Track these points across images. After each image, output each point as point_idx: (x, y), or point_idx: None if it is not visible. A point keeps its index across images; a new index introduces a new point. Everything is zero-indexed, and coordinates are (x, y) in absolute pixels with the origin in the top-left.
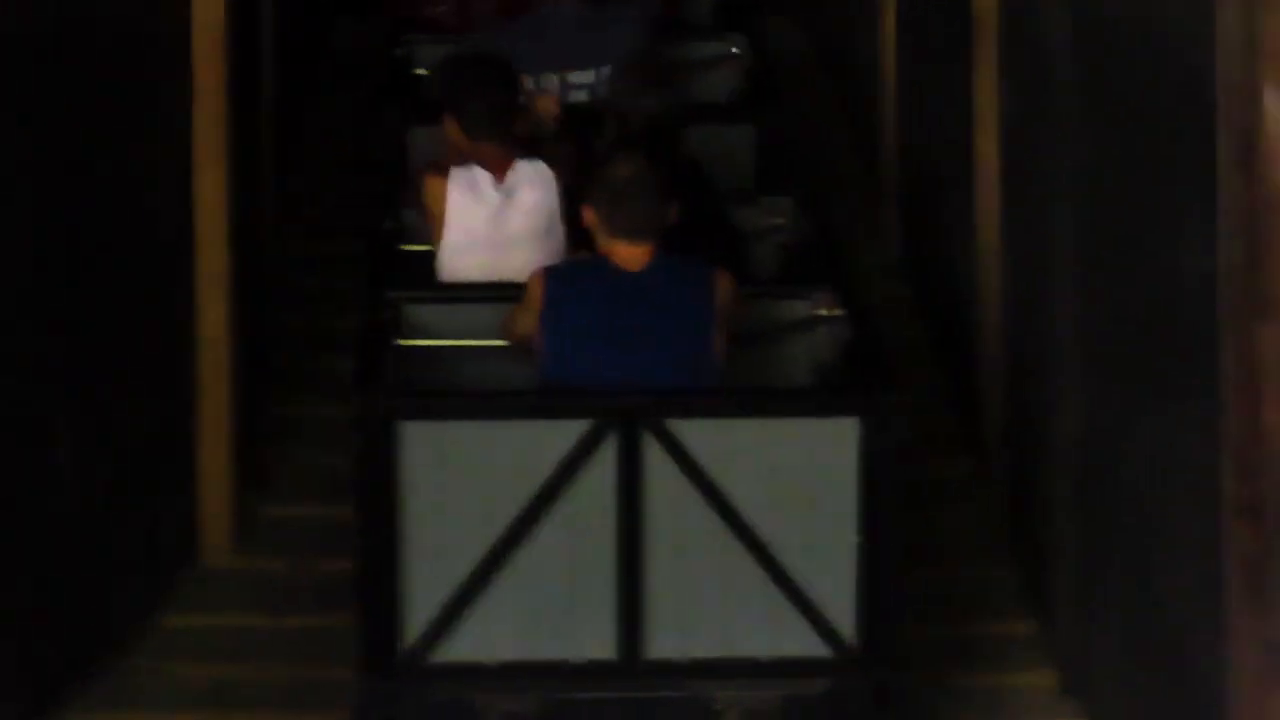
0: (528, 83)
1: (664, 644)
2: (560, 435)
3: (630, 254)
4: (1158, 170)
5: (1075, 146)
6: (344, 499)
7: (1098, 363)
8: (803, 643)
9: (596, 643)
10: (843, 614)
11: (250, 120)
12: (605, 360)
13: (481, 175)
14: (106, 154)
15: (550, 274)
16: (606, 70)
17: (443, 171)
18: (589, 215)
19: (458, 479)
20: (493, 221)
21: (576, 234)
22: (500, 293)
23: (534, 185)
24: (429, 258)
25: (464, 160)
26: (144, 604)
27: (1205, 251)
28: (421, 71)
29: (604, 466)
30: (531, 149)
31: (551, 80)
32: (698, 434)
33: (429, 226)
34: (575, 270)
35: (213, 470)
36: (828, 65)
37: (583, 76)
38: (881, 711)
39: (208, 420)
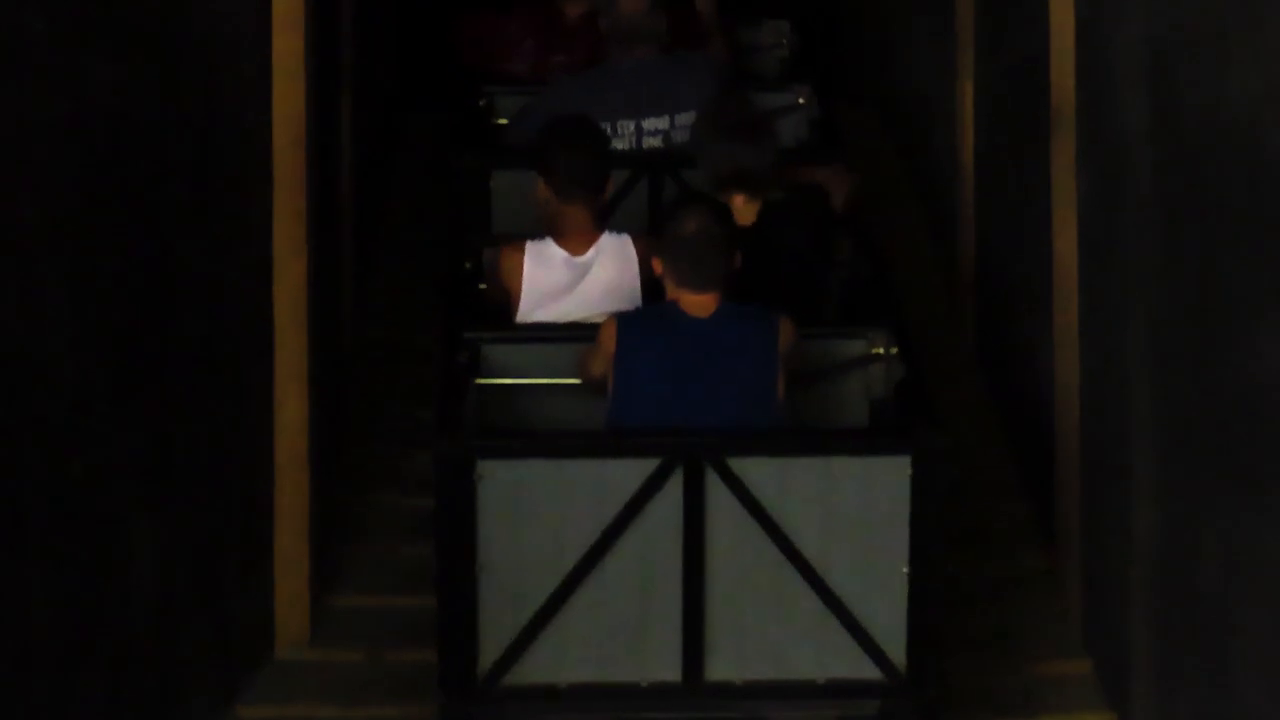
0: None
1: (724, 667)
2: (629, 472)
3: (697, 302)
4: (1236, 261)
5: (1153, 237)
6: (420, 589)
7: (1175, 457)
8: (854, 666)
9: (661, 665)
10: (892, 640)
11: (330, 213)
12: (672, 401)
13: (556, 252)
14: (187, 247)
15: (622, 320)
16: (680, 116)
17: (519, 247)
18: (657, 266)
19: (532, 513)
20: (566, 298)
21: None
22: (575, 333)
23: (613, 260)
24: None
25: (552, 221)
26: (219, 697)
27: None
28: (502, 121)
29: (670, 502)
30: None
31: (627, 126)
32: (758, 471)
33: (506, 299)
34: (646, 317)
35: (289, 562)
36: (903, 150)
37: (657, 123)
38: None
39: (284, 512)
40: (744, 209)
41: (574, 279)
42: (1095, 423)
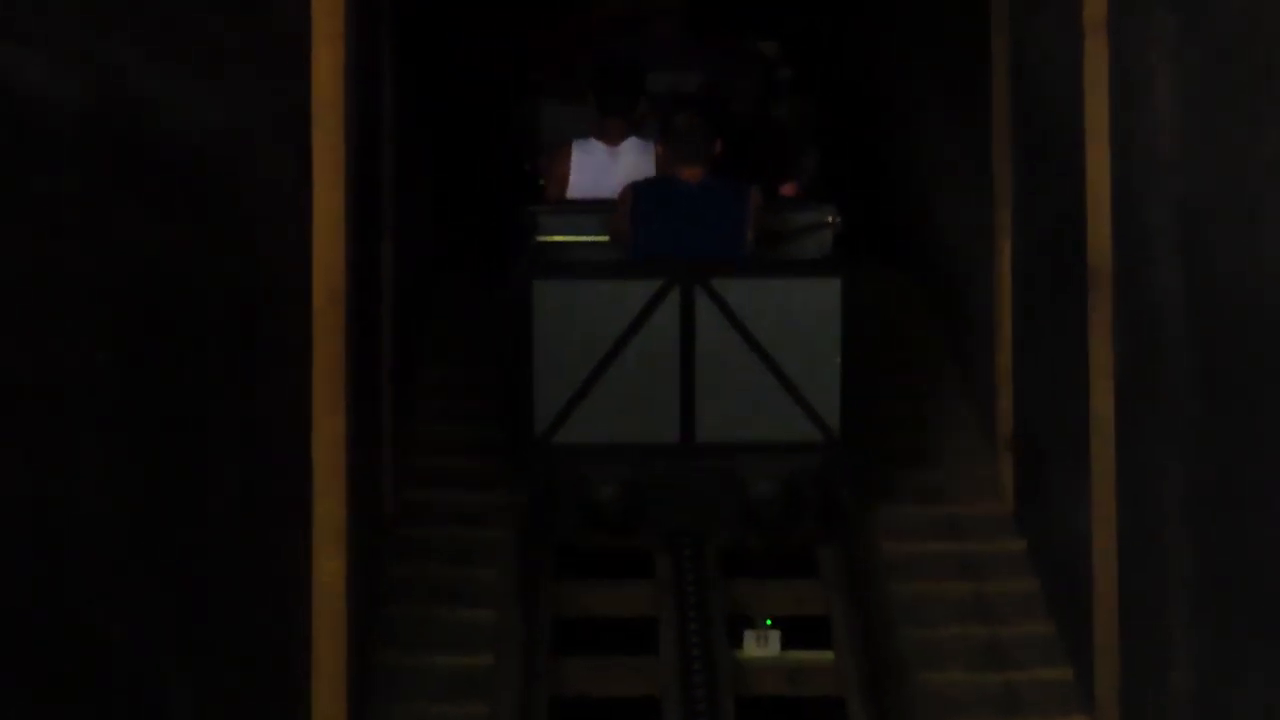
0: None
1: (709, 431)
2: (642, 290)
3: (689, 173)
4: (1273, 424)
5: (1189, 400)
6: None
7: (1211, 619)
8: (803, 432)
9: (664, 430)
10: (829, 411)
11: (369, 371)
12: (672, 241)
13: (597, 145)
14: (224, 403)
15: (636, 186)
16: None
17: (569, 146)
18: (659, 149)
19: (572, 320)
20: (603, 175)
21: None
22: (601, 207)
23: (636, 153)
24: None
25: (597, 126)
26: None
27: None
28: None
29: (670, 310)
30: None
31: None
32: (733, 290)
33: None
34: (652, 184)
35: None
36: (939, 310)
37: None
38: (855, 481)
39: (322, 672)
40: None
41: (609, 162)
42: (1133, 585)
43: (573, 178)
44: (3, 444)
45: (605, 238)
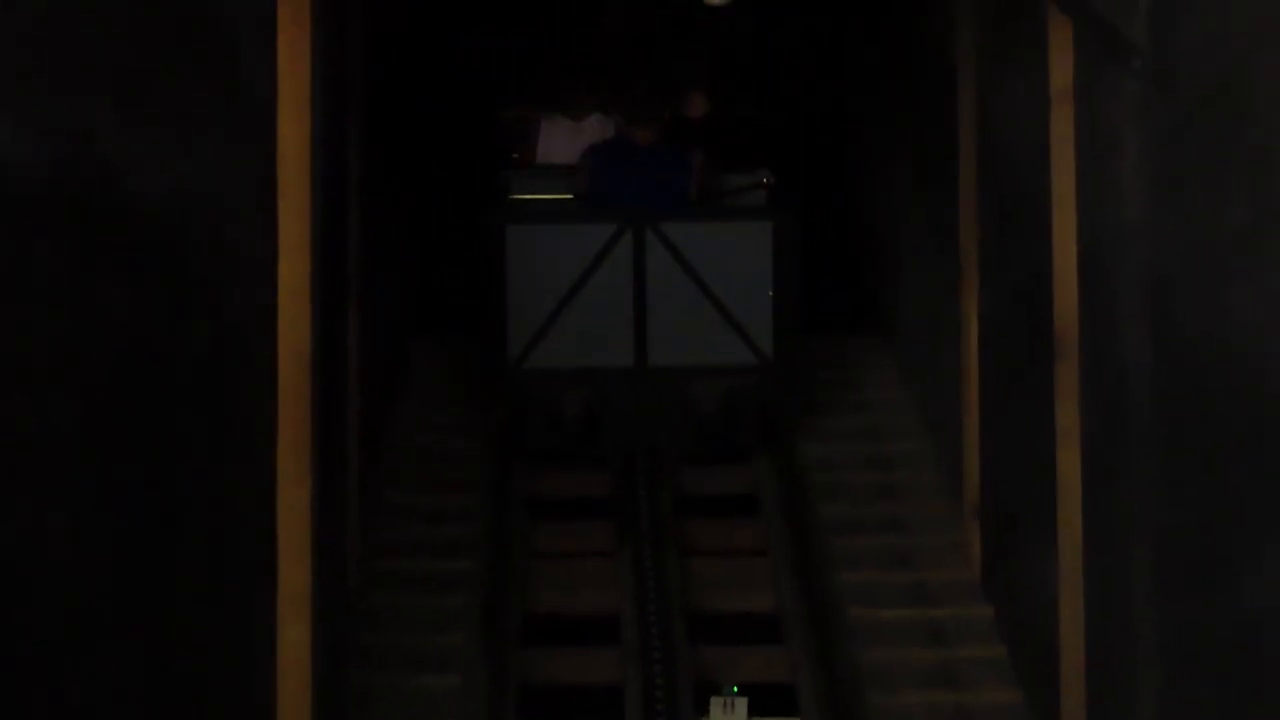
0: None
1: (659, 357)
2: (599, 232)
3: (641, 134)
4: (1239, 489)
5: (1155, 465)
6: None
7: (1179, 682)
8: (740, 355)
9: (620, 356)
10: (763, 337)
11: (336, 441)
12: (625, 194)
13: (563, 121)
14: (190, 471)
15: (595, 147)
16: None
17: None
18: (616, 114)
19: (540, 258)
20: (569, 146)
21: None
22: (566, 171)
23: (599, 125)
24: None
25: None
26: None
27: None
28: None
29: (624, 251)
30: None
31: None
32: (679, 232)
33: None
34: (609, 144)
35: None
36: (907, 376)
37: None
38: (787, 398)
39: None
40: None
41: (574, 132)
42: (1101, 653)
43: (541, 148)
44: None
45: (569, 195)
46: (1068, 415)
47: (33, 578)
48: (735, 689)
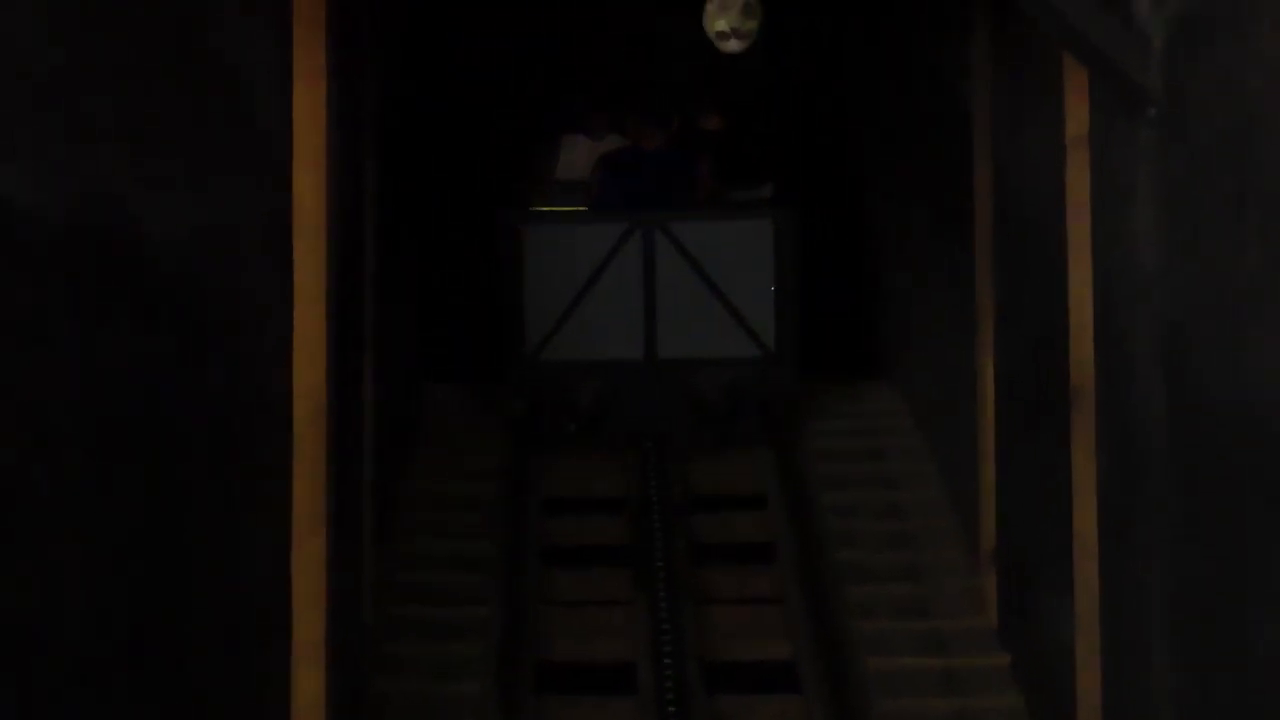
0: None
1: (668, 350)
2: (610, 231)
3: (648, 139)
4: (1254, 541)
5: (1171, 517)
6: None
7: None
8: (744, 348)
9: (631, 349)
10: (766, 331)
11: (351, 486)
12: (632, 197)
13: (582, 139)
14: (204, 521)
15: (605, 157)
16: None
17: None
18: (630, 124)
19: (556, 256)
20: (587, 159)
21: None
22: (578, 186)
23: (614, 140)
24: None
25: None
26: None
27: None
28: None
29: (635, 248)
30: None
31: None
32: (686, 230)
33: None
34: (619, 151)
35: None
36: (923, 425)
37: None
38: (787, 389)
39: None
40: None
41: (593, 151)
42: (1117, 701)
43: (561, 165)
44: None
45: (584, 209)
46: (1083, 464)
47: (47, 631)
48: None
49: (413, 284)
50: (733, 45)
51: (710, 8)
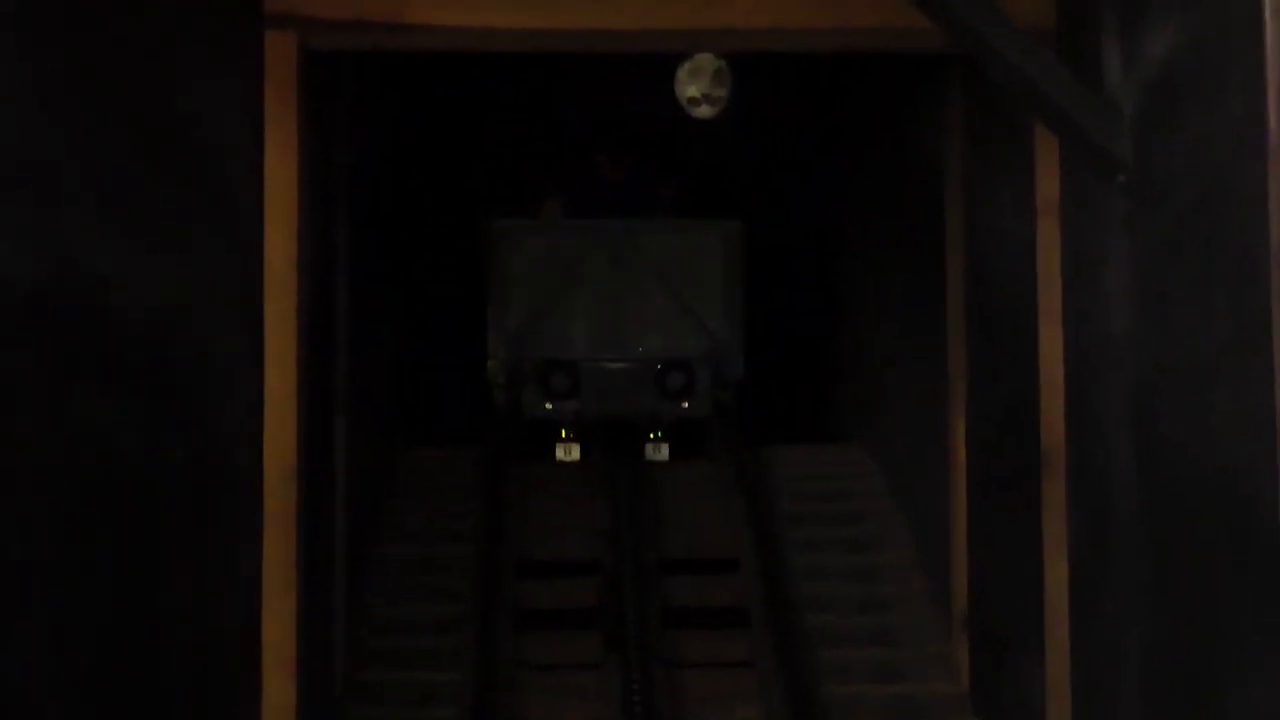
0: None
1: (634, 345)
2: (582, 241)
3: (611, 172)
4: (1225, 604)
5: (1141, 581)
6: None
7: None
8: (699, 340)
9: (600, 344)
10: (719, 326)
11: (322, 550)
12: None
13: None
14: (174, 585)
15: (570, 195)
16: None
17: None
18: (595, 157)
19: (538, 261)
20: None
21: None
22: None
23: None
24: None
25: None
26: None
27: (1273, 688)
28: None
29: (602, 255)
30: None
31: None
32: (651, 237)
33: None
34: (584, 186)
35: None
36: (895, 490)
37: None
38: (735, 380)
39: None
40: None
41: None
42: None
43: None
44: None
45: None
46: (1054, 529)
47: (14, 692)
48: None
49: (390, 346)
50: (704, 111)
51: (681, 74)
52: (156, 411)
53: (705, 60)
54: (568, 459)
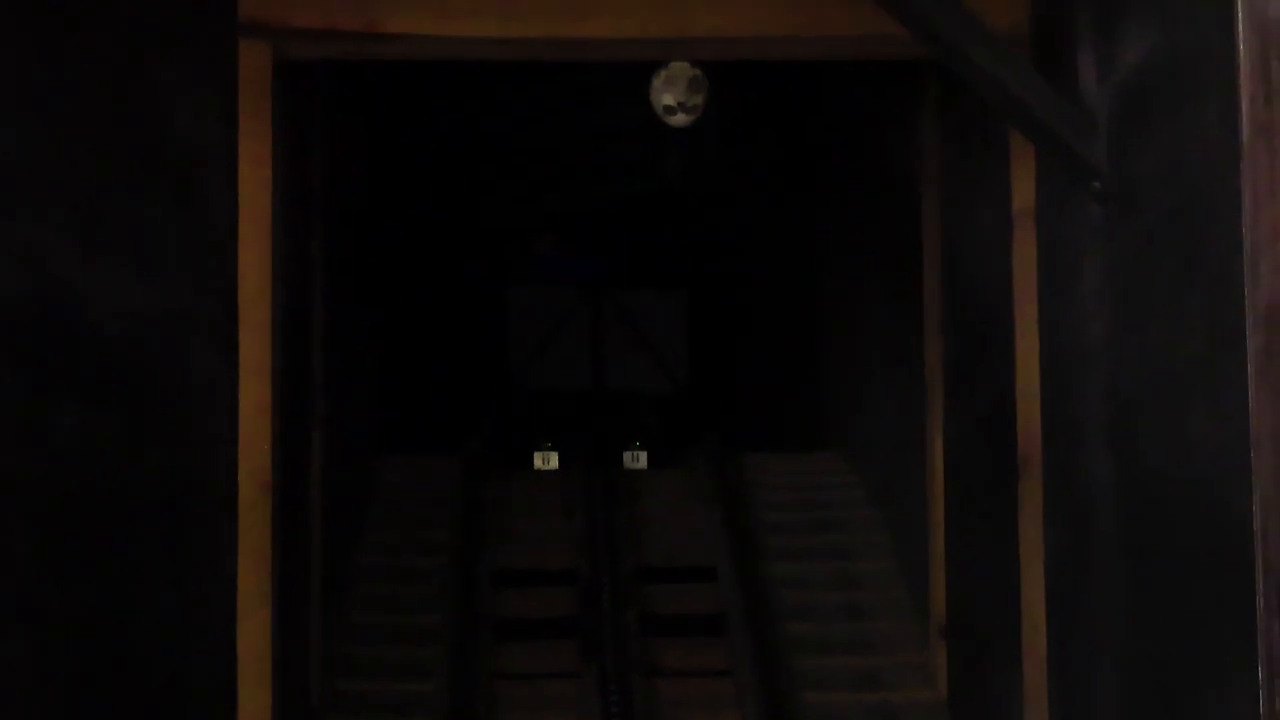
0: None
1: (614, 383)
2: (570, 295)
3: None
4: (1202, 614)
5: (1119, 590)
6: None
7: None
8: (666, 381)
9: (585, 378)
10: (681, 371)
11: (298, 562)
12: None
13: None
14: (150, 598)
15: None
16: None
17: None
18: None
19: (531, 317)
20: None
21: None
22: None
23: None
24: None
25: None
26: None
27: (1248, 699)
28: None
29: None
30: None
31: None
32: (624, 294)
33: None
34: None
35: None
36: (874, 498)
37: None
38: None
39: None
40: None
41: None
42: None
43: None
44: None
45: None
46: (1031, 536)
47: None
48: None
49: (367, 355)
50: (680, 119)
51: (656, 83)
52: (131, 424)
53: (680, 68)
54: (546, 468)
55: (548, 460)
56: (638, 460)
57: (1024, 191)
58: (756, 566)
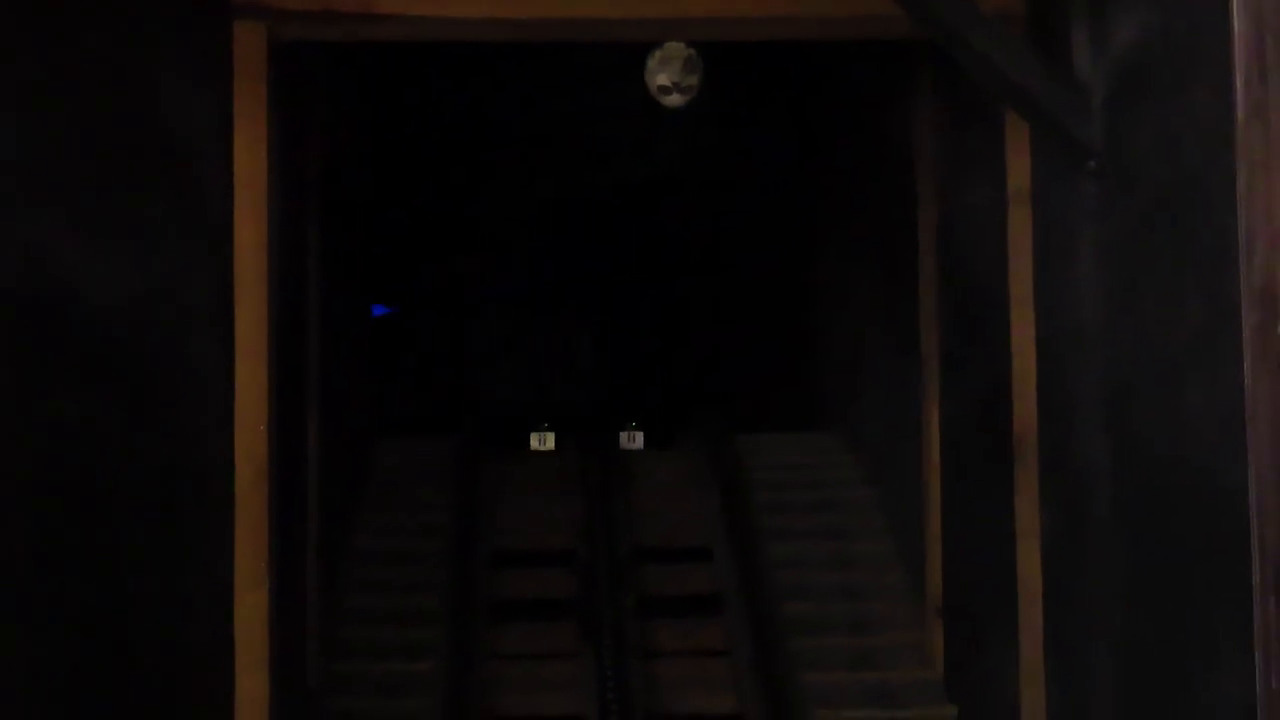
0: None
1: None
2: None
3: None
4: (1197, 594)
5: (1115, 570)
6: None
7: None
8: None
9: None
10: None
11: (295, 546)
12: None
13: None
14: (146, 581)
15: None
16: None
17: None
18: None
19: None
20: None
21: None
22: None
23: None
24: None
25: None
26: None
27: (1243, 678)
28: None
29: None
30: None
31: None
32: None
33: None
34: None
35: None
36: (870, 478)
37: None
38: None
39: None
40: None
41: None
42: None
43: None
44: None
45: None
46: (1027, 516)
47: None
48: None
49: (364, 338)
50: (675, 100)
51: (651, 63)
52: (127, 408)
53: (675, 48)
54: (542, 448)
55: (544, 441)
56: (634, 441)
57: (1019, 171)
58: (753, 547)
